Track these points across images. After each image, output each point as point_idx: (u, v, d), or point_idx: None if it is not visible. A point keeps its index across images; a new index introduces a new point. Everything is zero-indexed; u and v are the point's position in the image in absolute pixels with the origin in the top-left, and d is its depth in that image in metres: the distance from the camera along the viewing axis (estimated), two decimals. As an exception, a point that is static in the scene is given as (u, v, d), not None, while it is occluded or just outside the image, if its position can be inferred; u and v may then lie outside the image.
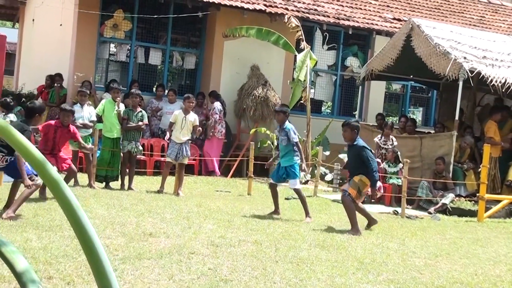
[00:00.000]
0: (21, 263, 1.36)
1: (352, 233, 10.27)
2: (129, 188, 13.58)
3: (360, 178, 10.67)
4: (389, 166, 15.43)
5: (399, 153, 15.37)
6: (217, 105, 17.31)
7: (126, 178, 13.79)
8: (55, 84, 17.24)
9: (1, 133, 1.21)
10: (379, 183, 14.92)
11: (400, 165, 14.86)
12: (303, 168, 13.04)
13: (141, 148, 14.19)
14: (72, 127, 11.89)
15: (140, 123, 13.79)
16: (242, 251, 8.49)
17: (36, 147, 6.65)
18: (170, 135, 13.78)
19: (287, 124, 11.83)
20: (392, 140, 15.87)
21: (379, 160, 15.45)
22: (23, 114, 16.80)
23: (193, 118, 13.78)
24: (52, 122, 11.89)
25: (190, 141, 14.13)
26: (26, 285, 1.34)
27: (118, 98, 13.99)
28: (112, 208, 10.64)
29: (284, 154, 11.74)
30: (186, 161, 13.97)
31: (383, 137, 16.00)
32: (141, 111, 14.05)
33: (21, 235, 8.06)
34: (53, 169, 1.39)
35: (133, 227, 9.16)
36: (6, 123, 1.28)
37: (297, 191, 11.78)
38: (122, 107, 14.01)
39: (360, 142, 10.96)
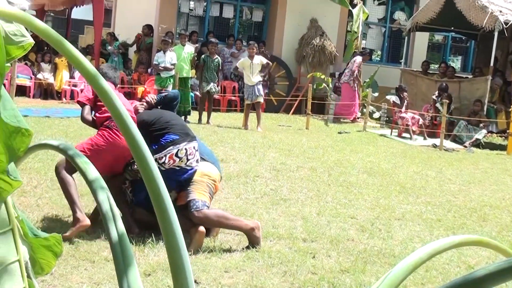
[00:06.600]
0: (93, 172, 1.28)
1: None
2: (207, 122, 13.48)
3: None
4: (442, 105, 14.83)
5: (452, 97, 14.68)
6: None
7: (204, 114, 13.67)
8: (143, 34, 17.25)
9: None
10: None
11: (452, 106, 14.24)
12: None
13: (218, 88, 13.95)
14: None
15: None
16: (300, 175, 8.37)
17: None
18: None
19: None
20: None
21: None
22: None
23: (259, 60, 13.27)
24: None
25: (261, 82, 13.55)
26: (96, 191, 1.26)
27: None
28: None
29: None
30: (260, 99, 13.41)
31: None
32: (217, 57, 13.63)
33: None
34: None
35: (207, 154, 9.12)
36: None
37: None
38: (191, 48, 14.22)
39: None
